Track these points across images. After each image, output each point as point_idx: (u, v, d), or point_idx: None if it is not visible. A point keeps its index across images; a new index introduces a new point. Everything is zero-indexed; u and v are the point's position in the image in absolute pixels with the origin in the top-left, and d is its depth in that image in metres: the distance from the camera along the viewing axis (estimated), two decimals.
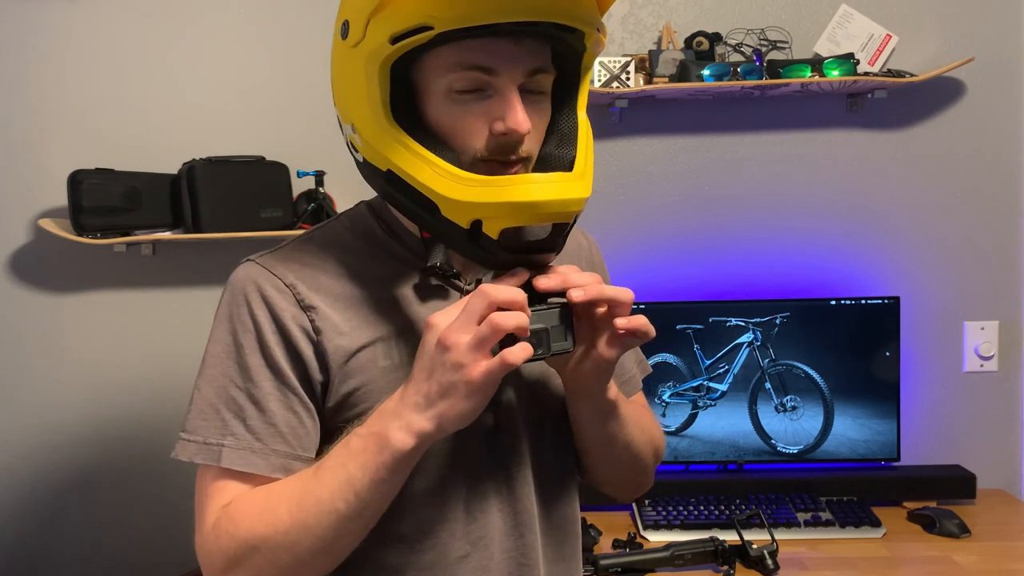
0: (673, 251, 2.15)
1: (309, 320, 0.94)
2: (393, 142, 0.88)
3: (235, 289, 0.96)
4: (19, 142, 2.09)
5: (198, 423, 0.95)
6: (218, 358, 0.95)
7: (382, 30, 0.85)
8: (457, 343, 0.83)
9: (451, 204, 0.87)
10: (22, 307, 2.12)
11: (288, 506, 0.89)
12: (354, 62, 0.88)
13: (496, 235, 0.87)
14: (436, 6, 0.82)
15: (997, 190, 2.13)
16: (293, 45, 2.10)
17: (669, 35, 2.08)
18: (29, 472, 2.14)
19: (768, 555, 1.71)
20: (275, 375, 0.94)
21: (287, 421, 0.94)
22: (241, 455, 0.93)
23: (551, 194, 0.86)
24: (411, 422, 0.85)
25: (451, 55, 0.87)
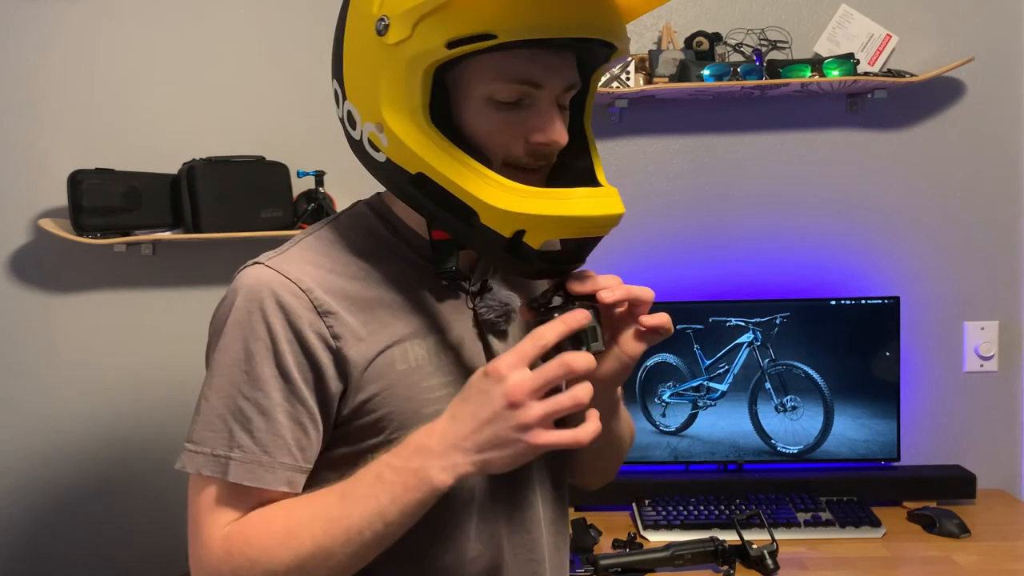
0: (673, 251, 2.15)
1: (327, 327, 0.91)
2: (433, 146, 0.86)
3: (246, 294, 0.91)
4: (19, 142, 2.09)
5: (205, 434, 0.91)
6: (226, 367, 0.91)
7: (438, 33, 0.83)
8: (529, 407, 0.82)
9: (495, 213, 0.85)
10: (22, 307, 2.12)
11: (312, 532, 0.87)
12: (392, 60, 0.86)
13: (538, 246, 0.87)
14: (501, 15, 0.81)
15: (997, 190, 2.13)
16: (293, 45, 2.10)
17: (669, 35, 2.08)
18: (28, 472, 2.14)
19: (768, 555, 1.71)
20: (286, 385, 0.90)
21: (293, 433, 0.91)
22: (249, 469, 0.90)
23: (600, 209, 0.87)
24: (456, 464, 0.84)
25: (498, 64, 0.86)
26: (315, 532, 0.86)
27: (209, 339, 0.95)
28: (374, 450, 0.94)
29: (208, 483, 0.91)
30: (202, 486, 0.92)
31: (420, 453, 0.85)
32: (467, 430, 0.84)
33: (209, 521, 0.90)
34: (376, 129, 0.89)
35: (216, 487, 0.91)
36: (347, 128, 0.94)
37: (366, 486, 0.86)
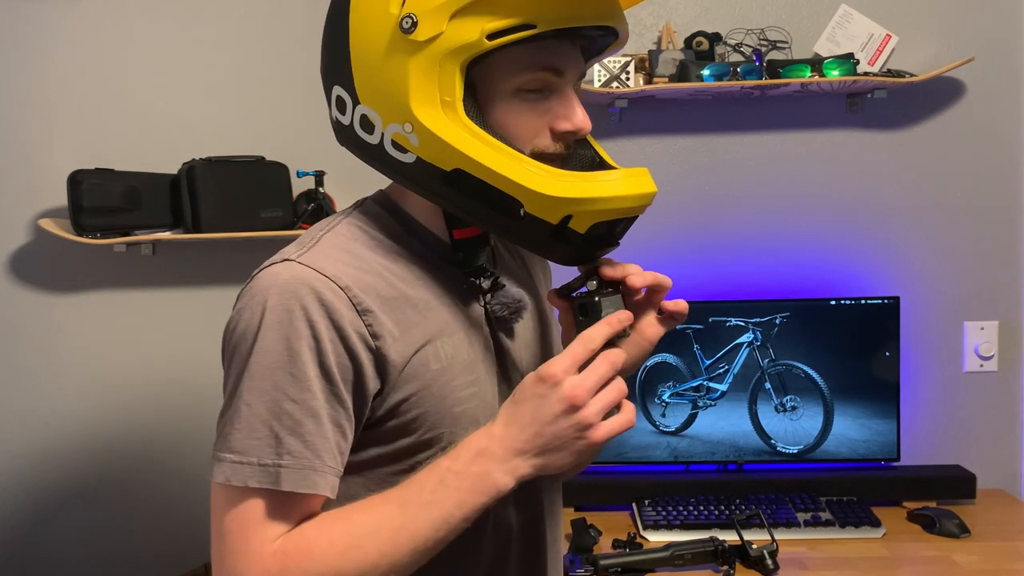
0: (673, 251, 2.15)
1: (366, 325, 0.89)
2: (473, 139, 0.86)
3: (282, 292, 0.87)
4: (19, 142, 2.09)
5: (249, 442, 0.86)
6: (267, 369, 0.86)
7: (475, 26, 0.84)
8: (588, 405, 0.84)
9: (542, 200, 0.87)
10: (22, 307, 2.12)
11: (377, 543, 0.85)
12: (425, 57, 0.86)
13: (585, 230, 0.89)
14: (540, 5, 0.84)
15: (997, 190, 2.13)
16: (293, 45, 2.10)
17: (669, 35, 2.08)
18: (28, 471, 2.14)
19: (768, 555, 1.71)
20: (328, 386, 0.87)
21: (335, 436, 0.88)
22: (303, 475, 0.85)
23: (640, 188, 0.91)
24: (517, 467, 0.85)
25: (527, 55, 0.87)
26: (381, 542, 0.85)
27: (235, 341, 0.89)
28: (407, 452, 0.94)
29: (250, 494, 0.86)
30: (241, 497, 0.86)
31: (482, 457, 0.86)
32: (528, 434, 0.85)
33: (256, 535, 0.85)
34: (404, 129, 0.88)
35: (262, 498, 0.86)
36: (360, 134, 0.93)
37: (429, 492, 0.85)
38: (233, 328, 0.90)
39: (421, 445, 0.93)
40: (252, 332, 0.87)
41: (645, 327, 1.00)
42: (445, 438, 0.94)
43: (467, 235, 0.97)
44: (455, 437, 0.93)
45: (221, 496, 0.87)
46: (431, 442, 0.94)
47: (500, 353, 1.02)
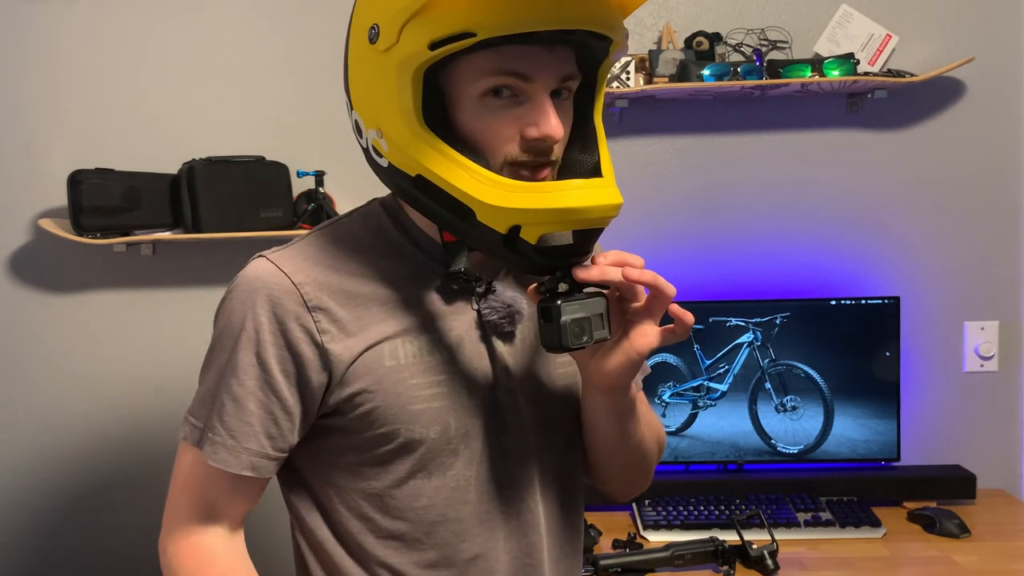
0: (673, 251, 2.15)
1: (314, 321, 0.95)
2: (427, 148, 0.87)
3: (243, 285, 0.97)
4: (19, 142, 2.09)
5: (198, 408, 1.00)
6: (215, 351, 0.99)
7: (419, 35, 0.84)
8: None
9: (489, 210, 0.86)
10: (22, 307, 2.12)
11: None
12: (384, 67, 0.87)
13: (535, 240, 0.88)
14: (479, 13, 0.83)
15: (997, 190, 2.13)
16: (293, 45, 2.09)
17: (669, 35, 2.08)
18: (28, 471, 2.14)
19: (768, 555, 1.71)
20: (262, 374, 0.95)
21: (263, 422, 0.96)
22: (215, 450, 0.96)
23: (592, 200, 0.87)
24: None
25: (487, 61, 0.87)
26: None
27: (214, 323, 1.00)
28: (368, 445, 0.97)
29: (190, 451, 1.00)
30: (186, 452, 1.01)
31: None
32: None
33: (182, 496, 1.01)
34: (377, 135, 0.91)
35: (194, 458, 0.99)
36: (355, 136, 0.97)
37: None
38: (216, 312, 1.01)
39: (377, 439, 0.97)
40: (218, 316, 0.99)
41: (637, 336, 0.93)
42: (402, 434, 0.96)
43: (452, 238, 0.97)
44: (412, 434, 0.96)
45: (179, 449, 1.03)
46: (386, 437, 0.97)
47: (493, 357, 1.01)
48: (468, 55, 0.86)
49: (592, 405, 1.03)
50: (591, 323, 0.89)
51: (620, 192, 0.92)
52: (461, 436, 0.98)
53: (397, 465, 0.98)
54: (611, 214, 0.90)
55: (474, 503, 1.00)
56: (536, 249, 0.88)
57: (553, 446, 1.05)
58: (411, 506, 0.99)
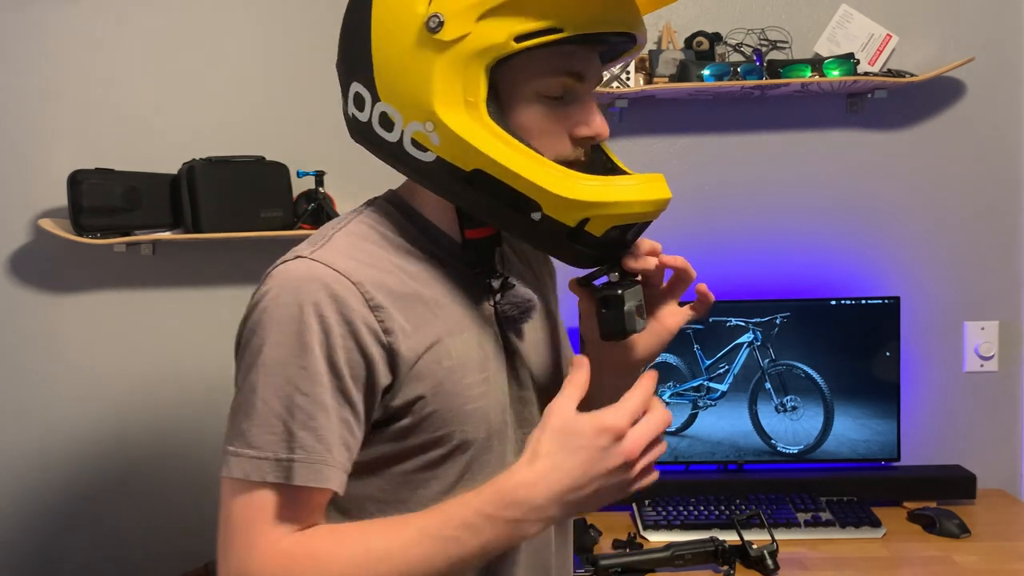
0: (673, 251, 2.14)
1: (378, 321, 0.89)
2: (495, 141, 0.87)
3: (295, 287, 0.88)
4: (19, 142, 2.09)
5: (265, 437, 0.86)
6: (280, 363, 0.86)
7: (501, 28, 0.85)
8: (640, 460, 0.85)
9: (560, 202, 0.88)
10: (22, 307, 2.12)
11: (390, 566, 0.84)
12: (449, 58, 0.86)
13: (601, 233, 0.90)
14: (568, 9, 0.85)
15: (997, 190, 2.13)
16: (293, 45, 2.10)
17: (669, 35, 2.08)
18: (28, 471, 2.14)
19: (768, 555, 1.71)
20: (337, 380, 0.87)
21: (341, 432, 0.88)
22: (315, 470, 0.85)
23: (656, 193, 0.92)
24: (552, 516, 0.85)
25: (550, 59, 0.89)
26: (393, 567, 0.84)
27: (247, 336, 0.90)
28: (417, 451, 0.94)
29: (259, 488, 0.86)
30: (250, 492, 0.86)
31: (519, 506, 0.83)
32: (576, 484, 0.84)
33: (263, 531, 0.85)
34: (425, 128, 0.89)
35: (272, 493, 0.86)
36: (377, 131, 0.93)
37: (452, 529, 0.84)
38: (245, 323, 0.91)
39: (431, 443, 0.93)
40: (264, 327, 0.87)
41: (666, 316, 1.01)
42: (456, 436, 0.94)
43: (479, 235, 0.97)
44: (465, 435, 0.94)
45: (230, 489, 0.87)
46: (441, 440, 0.94)
47: (509, 352, 1.02)
48: (532, 52, 0.87)
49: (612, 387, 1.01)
50: (641, 309, 0.94)
51: None
52: (496, 433, 0.98)
53: (448, 469, 0.95)
54: (664, 208, 0.94)
55: None
56: (601, 242, 0.91)
57: None
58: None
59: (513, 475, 0.84)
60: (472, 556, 0.85)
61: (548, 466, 0.84)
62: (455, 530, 0.84)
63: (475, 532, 0.84)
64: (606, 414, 0.84)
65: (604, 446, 0.83)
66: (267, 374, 0.87)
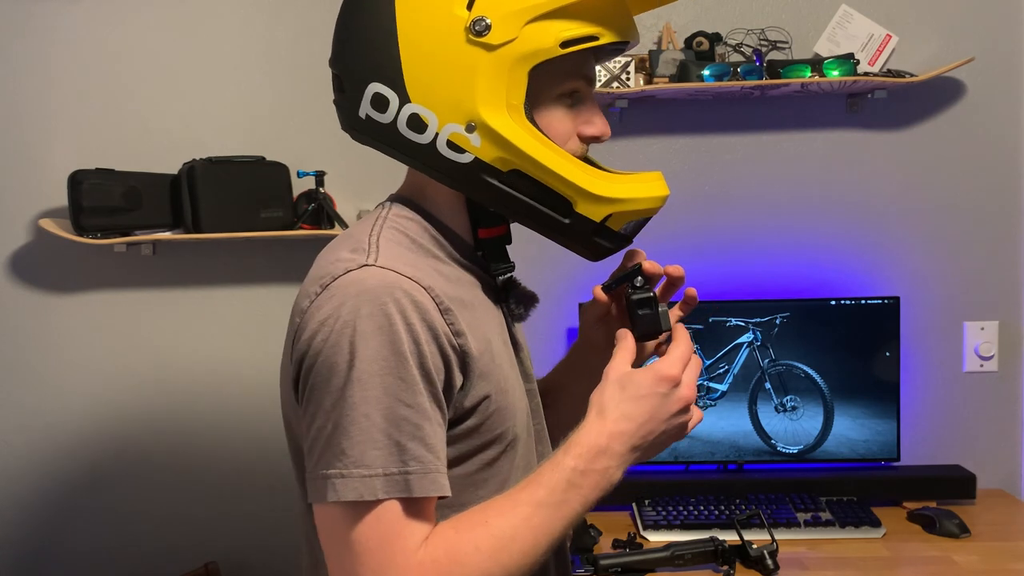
0: (673, 251, 2.15)
1: (448, 324, 0.89)
2: (536, 142, 0.92)
3: (376, 297, 0.85)
4: (19, 142, 2.09)
5: (372, 453, 0.83)
6: (378, 376, 0.84)
7: (548, 33, 0.89)
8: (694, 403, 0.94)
9: (592, 199, 0.94)
10: (22, 307, 2.11)
11: (521, 545, 0.86)
12: (495, 61, 0.90)
13: (619, 228, 0.98)
14: (607, 18, 0.92)
15: (997, 190, 2.13)
16: (293, 45, 2.09)
17: (669, 35, 2.08)
18: (29, 472, 2.14)
19: (768, 555, 1.71)
20: (430, 386, 0.87)
21: (442, 437, 0.88)
22: (431, 479, 0.85)
23: (663, 190, 1.02)
24: (629, 460, 0.92)
25: (574, 63, 0.94)
26: (523, 544, 0.87)
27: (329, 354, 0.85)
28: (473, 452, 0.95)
29: (380, 507, 0.83)
30: (371, 512, 0.83)
31: (604, 455, 0.90)
32: (646, 430, 0.91)
33: (400, 547, 0.83)
34: (465, 130, 0.91)
35: (396, 508, 0.83)
36: (404, 132, 0.93)
37: (560, 493, 0.88)
38: (323, 341, 0.86)
39: (490, 442, 0.96)
40: (349, 341, 0.84)
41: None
42: (510, 432, 0.97)
43: (492, 235, 1.01)
44: (516, 431, 0.98)
45: (342, 514, 0.84)
46: (499, 438, 0.96)
47: (516, 347, 1.06)
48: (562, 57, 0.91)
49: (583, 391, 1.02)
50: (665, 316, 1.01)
51: None
52: (523, 426, 1.02)
53: (502, 466, 0.97)
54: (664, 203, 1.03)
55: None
56: (618, 235, 0.99)
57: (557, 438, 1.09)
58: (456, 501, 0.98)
59: (590, 430, 0.90)
60: (578, 514, 0.90)
61: (619, 415, 0.90)
62: (563, 493, 0.88)
63: (577, 490, 0.88)
64: (661, 365, 0.91)
65: (665, 392, 0.91)
66: (364, 388, 0.83)
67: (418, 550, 0.84)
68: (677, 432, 0.94)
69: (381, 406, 0.83)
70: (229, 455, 2.11)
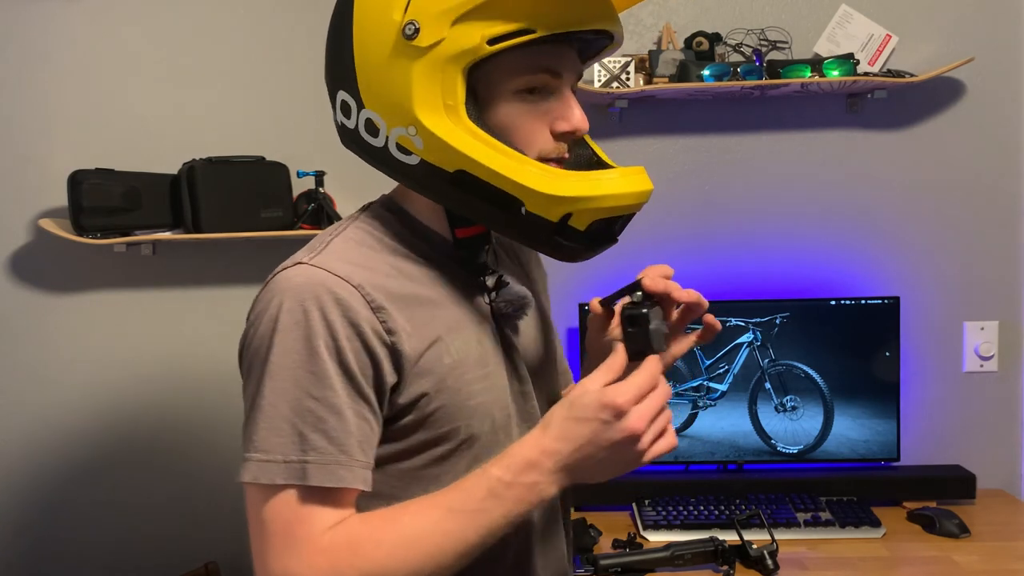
0: (673, 251, 2.15)
1: (380, 321, 0.91)
2: (475, 142, 0.90)
3: (298, 293, 0.90)
4: (19, 142, 2.09)
5: (274, 440, 0.88)
6: (289, 369, 0.89)
7: (476, 31, 0.87)
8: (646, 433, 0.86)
9: (542, 199, 0.90)
10: (22, 307, 2.12)
11: (425, 547, 0.87)
12: (427, 62, 0.89)
13: (584, 227, 0.92)
14: (539, 10, 0.87)
15: (997, 190, 2.13)
16: (293, 45, 2.10)
17: (669, 35, 2.08)
18: (29, 471, 2.14)
19: (768, 555, 1.71)
20: (349, 381, 0.89)
21: (360, 430, 0.90)
22: (329, 471, 0.88)
23: (635, 186, 0.94)
24: (563, 480, 0.88)
25: (526, 58, 0.91)
26: (428, 546, 0.87)
27: (254, 346, 0.92)
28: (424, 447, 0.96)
29: (281, 492, 0.88)
30: (273, 497, 0.88)
31: (534, 470, 0.87)
32: (583, 454, 0.87)
33: (301, 531, 0.87)
34: (408, 132, 0.92)
35: (295, 495, 0.88)
36: (364, 137, 0.96)
37: (478, 501, 0.87)
38: (251, 334, 0.93)
39: (438, 439, 0.96)
40: (269, 334, 0.90)
41: (672, 343, 1.02)
42: (462, 431, 0.97)
43: (469, 234, 1.00)
44: (471, 430, 0.97)
45: (257, 496, 0.89)
46: (447, 436, 0.96)
47: (508, 348, 1.04)
48: (507, 52, 0.89)
49: None
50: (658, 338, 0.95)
51: None
52: (500, 428, 1.01)
53: (456, 464, 0.98)
54: (646, 200, 0.96)
55: None
56: (586, 235, 0.93)
57: None
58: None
59: (528, 442, 0.88)
60: (498, 526, 0.88)
61: (558, 433, 0.87)
62: (480, 502, 0.87)
63: (499, 500, 0.87)
64: (610, 391, 0.86)
65: (606, 420, 0.85)
66: (274, 379, 0.89)
67: (322, 536, 0.87)
68: (627, 460, 0.87)
69: (288, 397, 0.88)
70: (230, 455, 2.11)
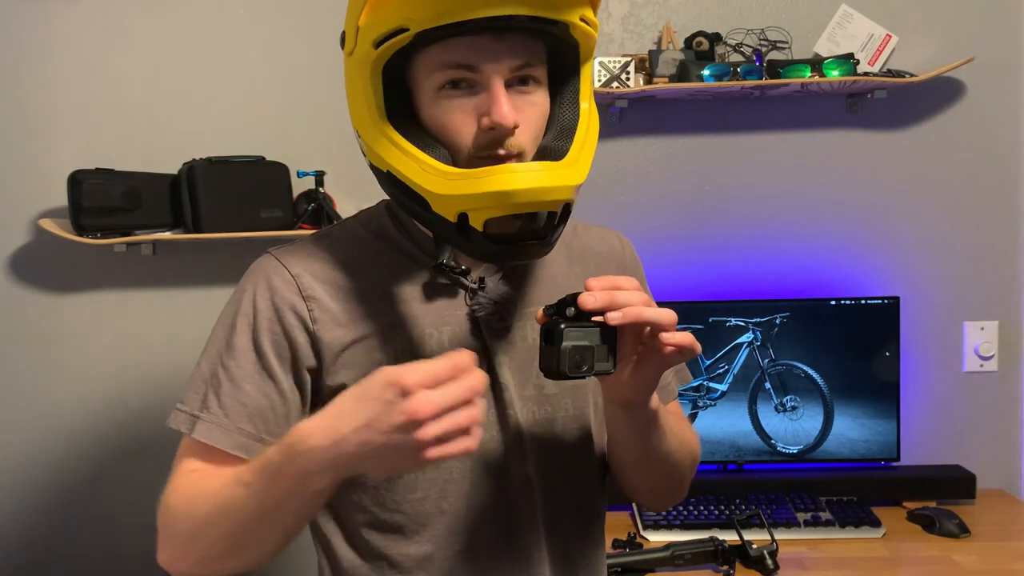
0: (673, 251, 2.15)
1: (308, 309, 0.99)
2: (388, 144, 0.92)
3: (248, 278, 1.02)
4: (19, 142, 2.09)
5: (189, 395, 1.01)
6: (216, 337, 1.02)
7: (367, 36, 0.89)
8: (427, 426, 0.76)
9: (438, 199, 0.89)
10: (22, 307, 2.11)
11: (206, 507, 0.92)
12: (353, 70, 0.93)
13: (481, 226, 0.89)
14: (411, 8, 0.85)
15: (997, 190, 2.13)
16: (293, 45, 2.09)
17: (669, 35, 2.08)
18: (29, 471, 2.14)
19: (768, 555, 1.71)
20: (258, 358, 0.98)
21: (257, 404, 0.97)
22: (208, 428, 0.97)
23: (530, 182, 0.86)
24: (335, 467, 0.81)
25: (437, 55, 0.90)
26: (210, 506, 0.91)
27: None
28: None
29: (184, 438, 1.01)
30: (184, 439, 1.02)
31: (300, 454, 0.81)
32: (356, 435, 0.78)
33: (178, 471, 0.99)
34: (359, 140, 0.96)
35: (189, 443, 1.00)
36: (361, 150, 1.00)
37: (250, 475, 0.87)
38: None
39: None
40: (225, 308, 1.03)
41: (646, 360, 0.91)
42: None
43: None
44: None
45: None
46: None
47: (485, 354, 1.01)
48: (422, 51, 0.90)
49: (611, 417, 1.02)
50: (594, 353, 0.85)
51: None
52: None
53: None
54: (555, 196, 0.88)
55: (468, 496, 1.01)
56: (485, 235, 0.90)
57: (554, 445, 1.05)
58: (406, 498, 1.00)
59: (302, 423, 0.82)
60: (267, 509, 0.85)
61: (333, 413, 0.80)
62: (252, 475, 0.87)
63: (268, 481, 0.84)
64: (399, 368, 0.77)
65: (389, 400, 0.76)
66: (208, 344, 1.02)
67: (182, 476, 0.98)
68: (404, 451, 0.77)
69: (209, 362, 1.01)
70: None
